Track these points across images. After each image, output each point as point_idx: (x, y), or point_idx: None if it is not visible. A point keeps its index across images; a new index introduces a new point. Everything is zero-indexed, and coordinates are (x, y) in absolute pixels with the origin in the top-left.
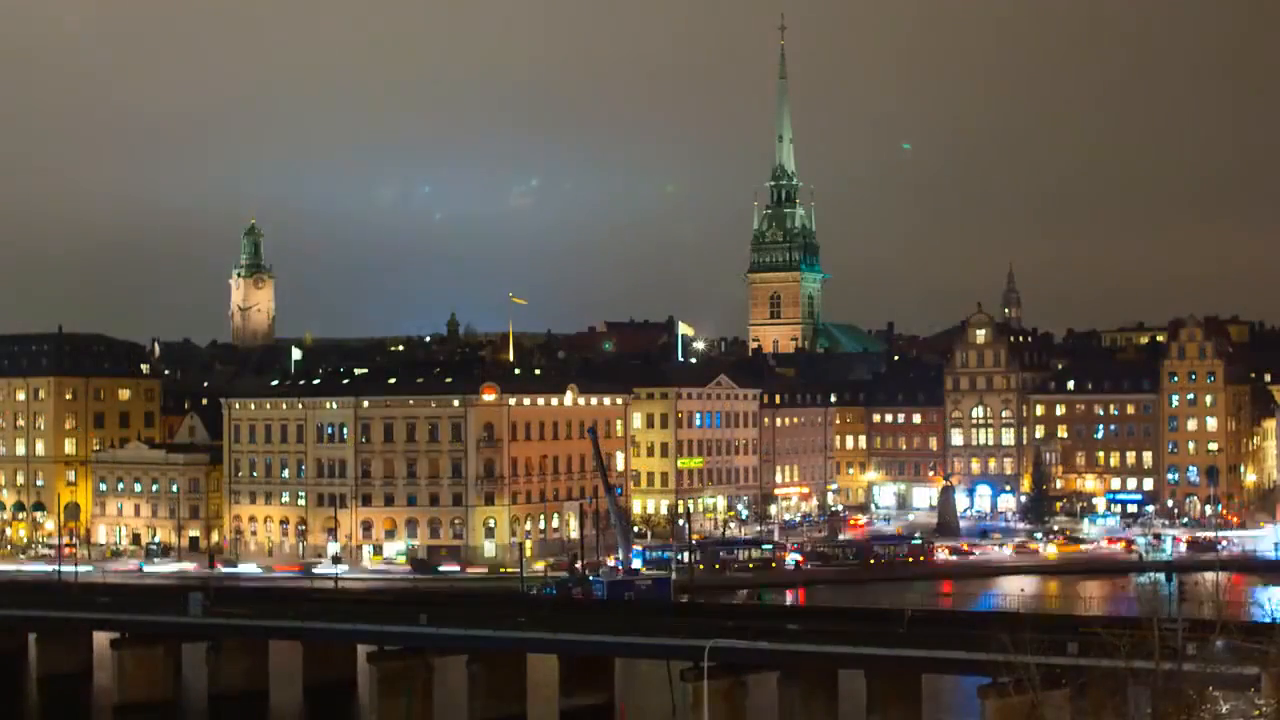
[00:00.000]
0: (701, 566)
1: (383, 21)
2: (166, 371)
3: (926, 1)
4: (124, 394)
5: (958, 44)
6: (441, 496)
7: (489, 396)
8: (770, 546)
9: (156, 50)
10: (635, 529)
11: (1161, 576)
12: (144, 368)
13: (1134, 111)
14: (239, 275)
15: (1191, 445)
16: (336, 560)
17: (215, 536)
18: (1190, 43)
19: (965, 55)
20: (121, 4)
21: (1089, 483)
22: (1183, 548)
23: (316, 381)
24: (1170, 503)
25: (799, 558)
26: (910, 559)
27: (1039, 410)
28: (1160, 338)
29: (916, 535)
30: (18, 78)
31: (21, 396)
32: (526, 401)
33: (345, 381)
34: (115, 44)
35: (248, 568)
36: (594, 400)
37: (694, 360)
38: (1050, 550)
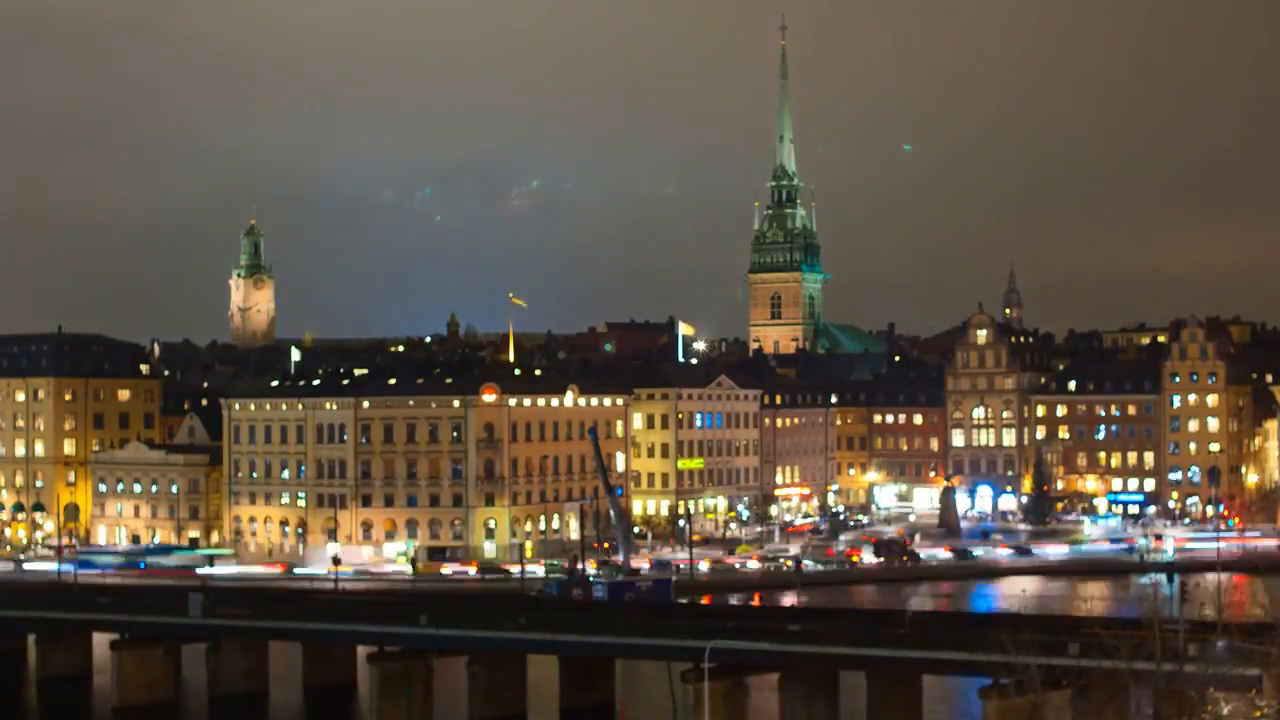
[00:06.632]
0: None
1: (382, 23)
2: (166, 372)
3: (927, 2)
4: (124, 394)
5: (958, 44)
6: (442, 497)
7: (489, 397)
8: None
9: (157, 50)
10: (635, 530)
11: (1163, 577)
12: (144, 368)
13: (1136, 111)
14: (239, 275)
15: (1193, 446)
16: (336, 561)
17: (215, 537)
18: (1193, 41)
19: (966, 55)
20: (120, 3)
21: (1090, 483)
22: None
23: (316, 382)
24: (1171, 503)
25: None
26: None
27: (1040, 411)
28: (1161, 338)
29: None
30: (19, 77)
31: (21, 397)
32: (527, 402)
33: (345, 382)
34: (116, 43)
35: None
36: (594, 401)
37: (694, 361)
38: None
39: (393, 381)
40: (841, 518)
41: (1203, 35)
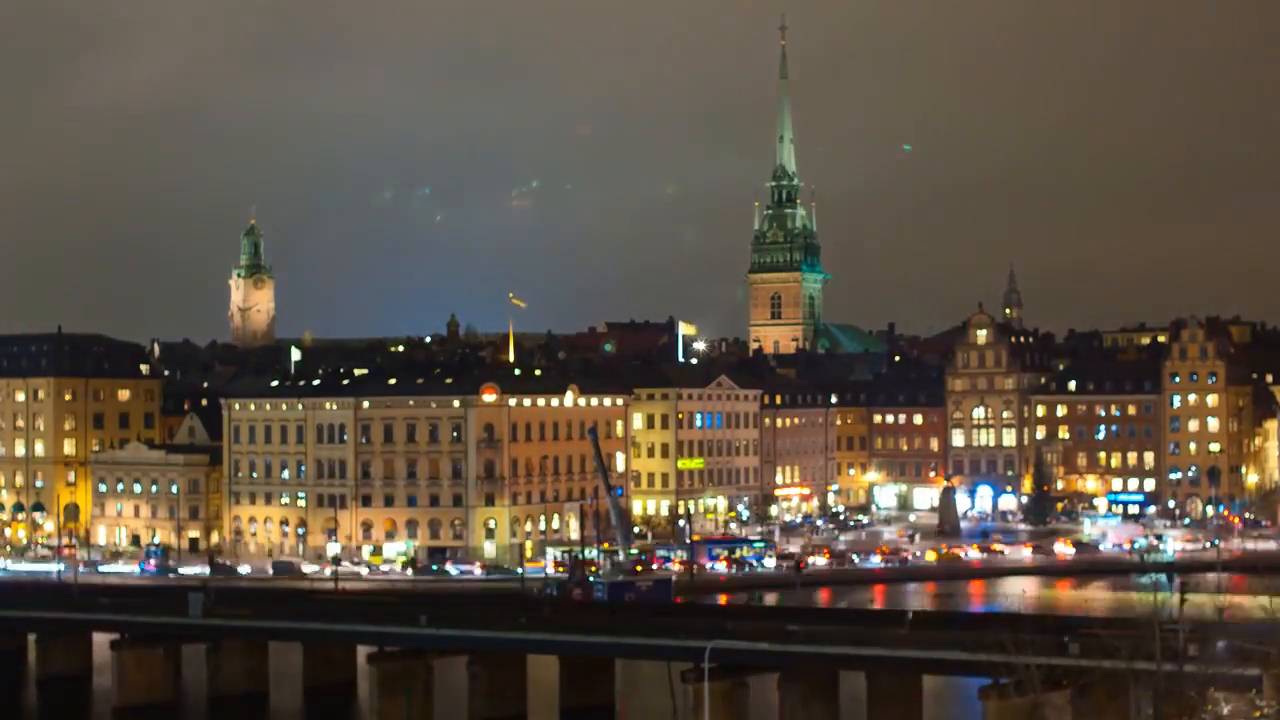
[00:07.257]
0: None
1: (381, 21)
2: (166, 372)
3: (927, 2)
4: (124, 394)
5: (958, 44)
6: (442, 497)
7: (489, 397)
8: None
9: (159, 49)
10: (635, 530)
11: (1163, 577)
12: (144, 368)
13: (1136, 110)
14: (239, 275)
15: (1193, 446)
16: (336, 561)
17: (215, 537)
18: (1193, 40)
19: (965, 55)
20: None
21: (1090, 483)
22: None
23: (316, 382)
24: (1171, 503)
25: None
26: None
27: (1040, 411)
28: (1161, 338)
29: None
30: (17, 77)
31: (21, 397)
32: (527, 402)
33: (345, 382)
34: (119, 44)
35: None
36: (594, 401)
37: (694, 361)
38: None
39: (393, 381)
40: (842, 518)
41: (1202, 33)
